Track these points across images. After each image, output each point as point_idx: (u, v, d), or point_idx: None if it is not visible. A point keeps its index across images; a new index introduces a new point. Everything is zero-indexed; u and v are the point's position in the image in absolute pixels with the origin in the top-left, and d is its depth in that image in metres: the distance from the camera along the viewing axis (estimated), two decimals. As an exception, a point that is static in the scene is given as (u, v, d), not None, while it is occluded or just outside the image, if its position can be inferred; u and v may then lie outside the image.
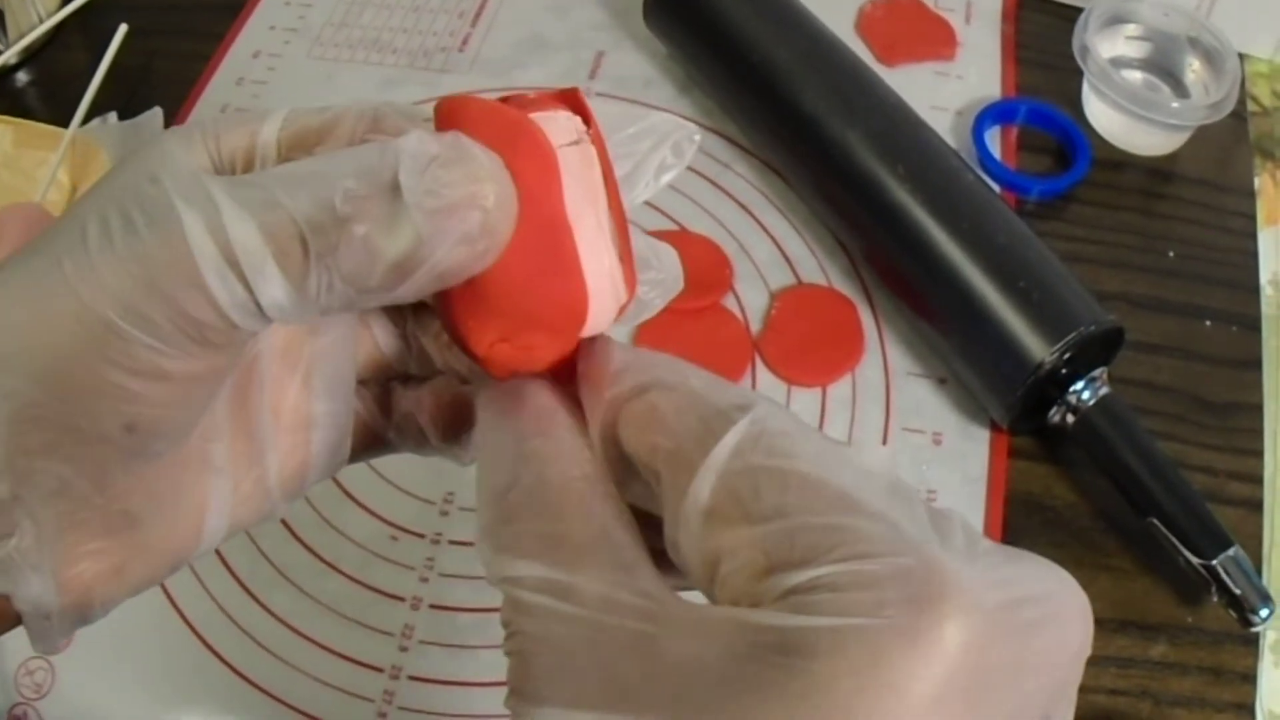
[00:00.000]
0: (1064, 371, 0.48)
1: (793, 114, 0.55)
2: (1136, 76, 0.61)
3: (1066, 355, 0.47)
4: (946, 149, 0.53)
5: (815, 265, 0.56)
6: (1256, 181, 0.59)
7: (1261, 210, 0.58)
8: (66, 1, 0.64)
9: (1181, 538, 0.45)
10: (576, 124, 0.25)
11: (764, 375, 0.52)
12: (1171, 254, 0.57)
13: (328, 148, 0.25)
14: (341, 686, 0.44)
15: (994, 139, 0.60)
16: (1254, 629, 0.44)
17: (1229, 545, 0.44)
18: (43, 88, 0.64)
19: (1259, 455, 0.50)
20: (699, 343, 0.52)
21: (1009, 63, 0.63)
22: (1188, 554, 0.45)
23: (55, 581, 0.24)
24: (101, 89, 0.58)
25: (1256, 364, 0.53)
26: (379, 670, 0.45)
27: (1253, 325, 0.54)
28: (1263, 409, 0.52)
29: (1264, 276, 0.56)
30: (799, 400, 0.52)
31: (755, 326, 0.54)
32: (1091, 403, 0.48)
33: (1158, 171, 0.59)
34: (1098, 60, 0.57)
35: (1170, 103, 0.58)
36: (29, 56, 0.65)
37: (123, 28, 0.61)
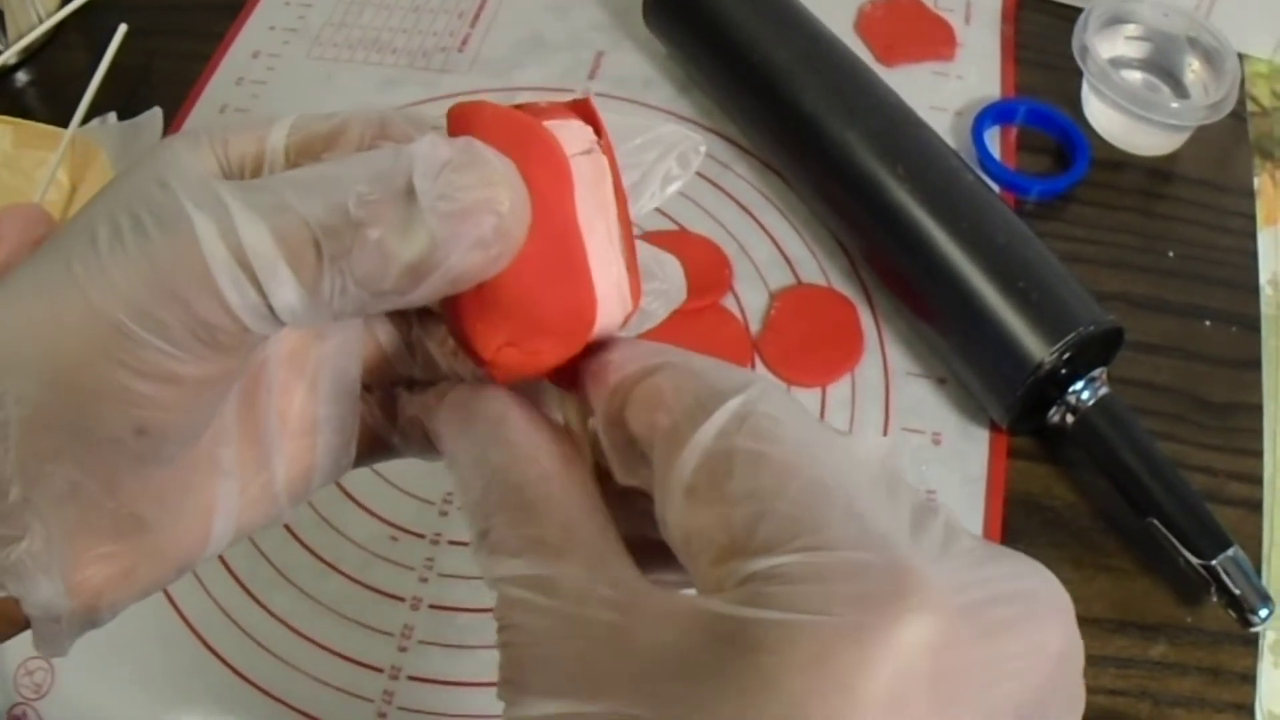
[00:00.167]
0: (1063, 371, 0.48)
1: (792, 114, 0.55)
2: (1136, 77, 0.61)
3: (1066, 355, 0.47)
4: (946, 149, 0.53)
5: (815, 265, 0.56)
6: (1256, 181, 0.59)
7: (1261, 210, 0.58)
8: (66, 1, 0.64)
9: (1181, 538, 0.45)
10: (588, 133, 0.25)
11: (761, 374, 0.52)
12: (1171, 254, 0.57)
13: (336, 153, 0.25)
14: (341, 686, 0.45)
15: (993, 139, 0.60)
16: (1253, 629, 0.44)
17: (1228, 545, 0.44)
18: (42, 88, 0.64)
19: (1258, 455, 0.50)
20: (699, 343, 0.51)
21: (1008, 63, 0.63)
22: (1187, 554, 0.45)
23: (65, 585, 0.24)
24: (101, 89, 0.58)
25: (1256, 364, 0.53)
26: (379, 670, 0.45)
27: (1252, 325, 0.54)
28: (1262, 409, 0.52)
29: (1263, 276, 0.56)
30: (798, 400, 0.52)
31: (755, 327, 0.54)
32: (1091, 403, 0.48)
33: (1157, 172, 0.59)
34: (1097, 60, 0.57)
35: (1170, 103, 0.58)
36: (29, 56, 0.65)
37: (122, 28, 0.61)
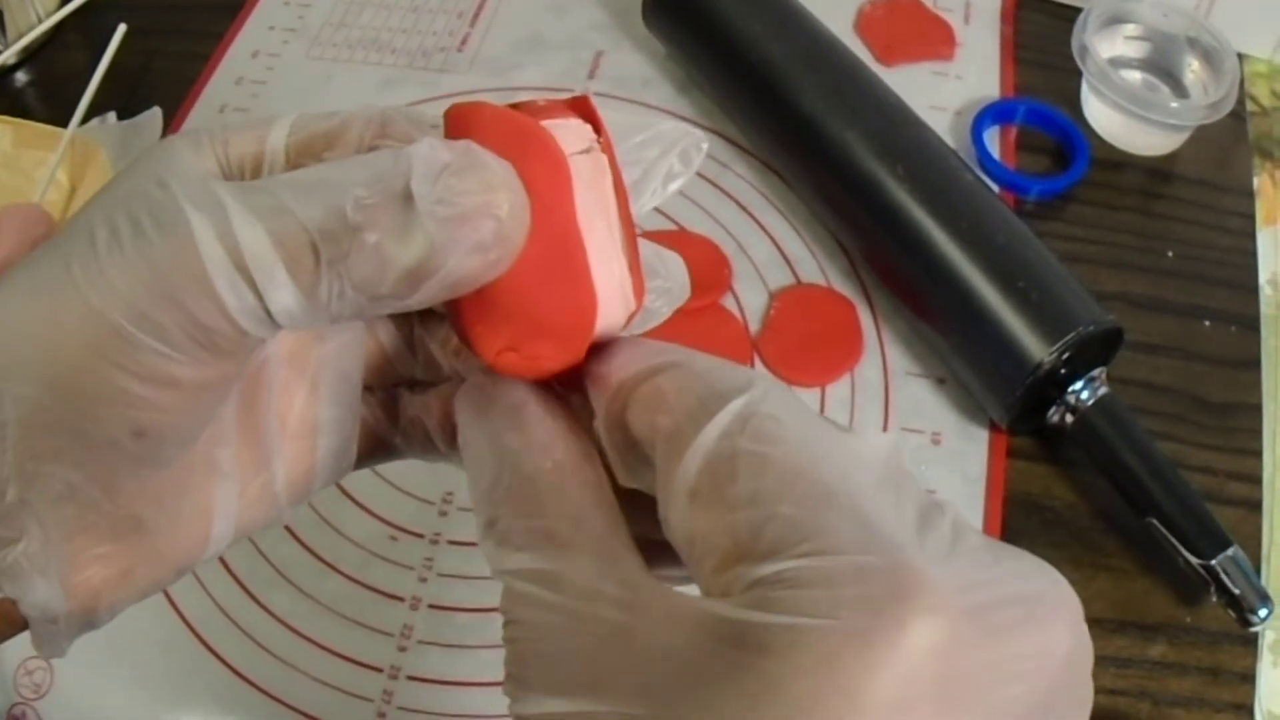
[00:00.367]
0: (1063, 371, 0.48)
1: (792, 114, 0.55)
2: (1135, 76, 0.61)
3: (1065, 355, 0.47)
4: (945, 149, 0.53)
5: (814, 265, 0.56)
6: (1255, 181, 0.59)
7: (1260, 210, 0.58)
8: (65, 1, 0.64)
9: (1180, 538, 0.45)
10: (588, 132, 0.25)
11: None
12: (1170, 254, 0.57)
13: (336, 154, 0.25)
14: (340, 686, 0.44)
15: (993, 139, 0.60)
16: (1253, 629, 0.44)
17: (1228, 545, 0.44)
18: (42, 88, 0.64)
19: (1258, 455, 0.50)
20: (698, 343, 0.51)
21: (1008, 63, 0.63)
22: (1187, 554, 0.45)
23: (62, 586, 0.24)
24: (100, 89, 0.58)
25: (1255, 364, 0.53)
26: (378, 670, 0.45)
27: (1252, 325, 0.54)
28: (1262, 409, 0.52)
29: (1263, 276, 0.56)
30: (798, 400, 0.52)
31: (754, 326, 0.54)
32: (1090, 403, 0.48)
33: (1157, 171, 0.59)
34: (1097, 60, 0.57)
35: (1169, 103, 0.58)
36: (28, 56, 0.64)
37: (122, 27, 0.61)
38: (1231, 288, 0.56)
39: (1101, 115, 0.60)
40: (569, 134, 0.24)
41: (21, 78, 0.64)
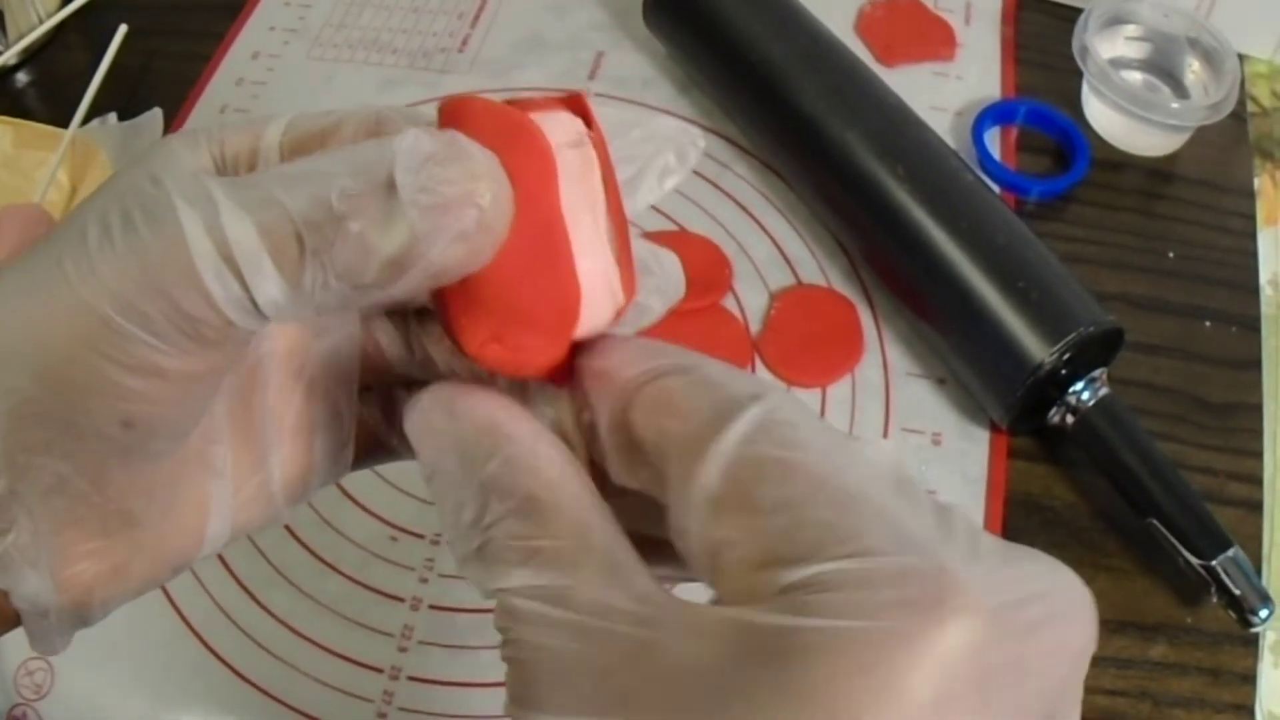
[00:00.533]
0: (1063, 372, 0.48)
1: (792, 114, 0.55)
2: (1136, 77, 0.61)
3: (1066, 356, 0.47)
4: (946, 149, 0.53)
5: (815, 265, 0.56)
6: (1256, 182, 0.59)
7: (1261, 211, 0.58)
8: (66, 2, 0.64)
9: (1181, 538, 0.45)
10: (578, 126, 0.25)
11: (763, 376, 0.52)
12: (1171, 254, 0.57)
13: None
14: (341, 687, 0.44)
15: (993, 139, 0.60)
16: (1253, 629, 0.44)
17: (1228, 546, 0.44)
18: (42, 88, 0.64)
19: (1258, 456, 0.50)
20: (698, 343, 0.51)
21: (1008, 63, 0.63)
22: (1187, 554, 0.45)
23: (53, 579, 0.24)
24: (101, 89, 0.58)
25: (1256, 364, 0.53)
26: (378, 671, 0.45)
27: (1252, 326, 0.54)
28: (1262, 409, 0.52)
29: (1263, 277, 0.56)
30: (798, 401, 0.52)
31: (755, 327, 0.54)
32: (1091, 403, 0.48)
33: (1157, 172, 0.59)
34: (1097, 61, 0.57)
35: (1170, 103, 0.58)
36: (29, 57, 0.64)
37: (122, 28, 0.61)
38: (1232, 288, 0.56)
39: (1102, 116, 0.60)
40: (558, 127, 0.24)
41: (22, 78, 0.64)
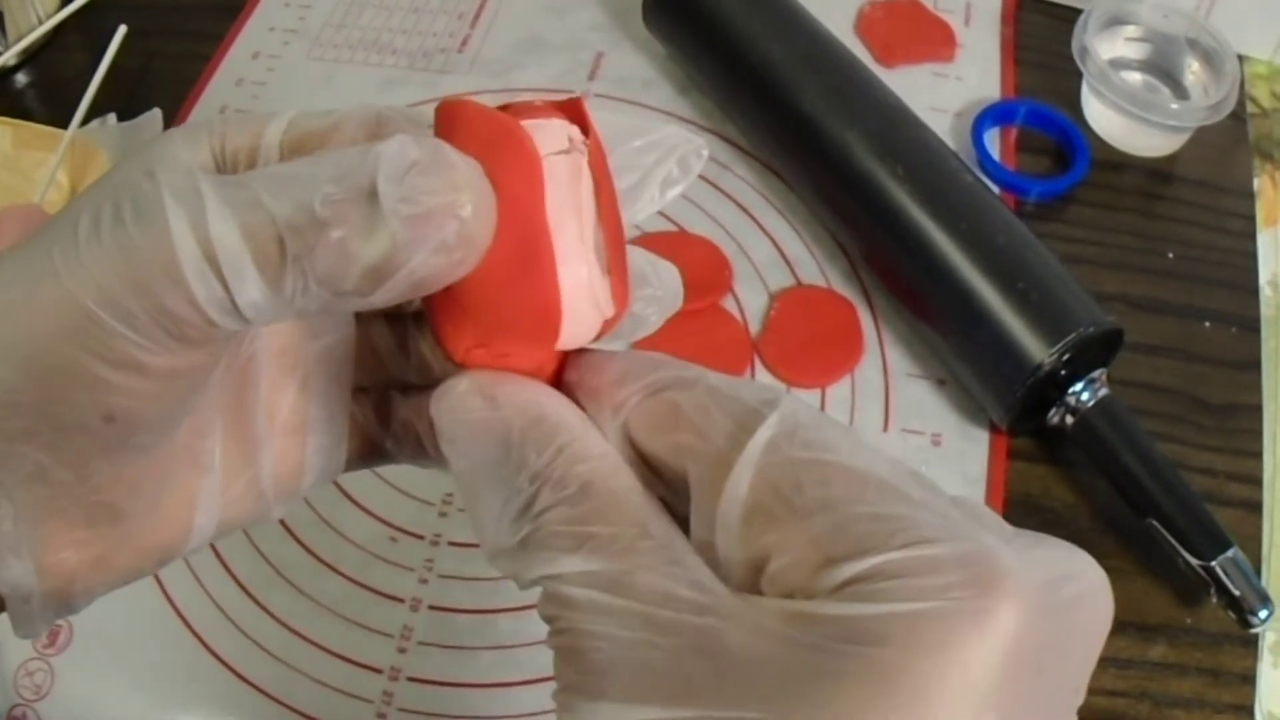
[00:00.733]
0: (1063, 373, 0.48)
1: (792, 115, 0.55)
2: (1136, 78, 0.61)
3: (1065, 356, 0.47)
4: (945, 150, 0.53)
5: (814, 266, 0.56)
6: (1256, 183, 0.59)
7: (1260, 211, 0.58)
8: (66, 2, 0.64)
9: (1181, 539, 0.45)
10: (571, 133, 0.25)
11: (763, 376, 0.52)
12: (1171, 255, 0.57)
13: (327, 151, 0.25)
14: (340, 687, 0.44)
15: (993, 140, 0.60)
16: (1253, 630, 0.44)
17: (1228, 546, 0.44)
18: (42, 89, 0.64)
19: (1258, 457, 0.50)
20: (698, 344, 0.52)
21: (1008, 64, 0.63)
22: (1187, 555, 0.45)
23: (35, 565, 0.24)
24: (101, 90, 0.58)
25: (1256, 365, 0.53)
26: (378, 671, 0.45)
27: (1252, 326, 0.54)
28: (1262, 410, 0.52)
29: (1263, 277, 0.56)
30: (798, 401, 0.52)
31: (754, 328, 0.54)
32: (1091, 404, 0.48)
33: (1157, 173, 0.59)
34: (1097, 62, 0.57)
35: (1169, 104, 0.58)
36: (28, 58, 0.64)
37: (122, 29, 0.61)
38: (1232, 289, 0.56)
39: (1102, 116, 0.60)
40: (548, 134, 0.24)
41: (22, 79, 0.64)
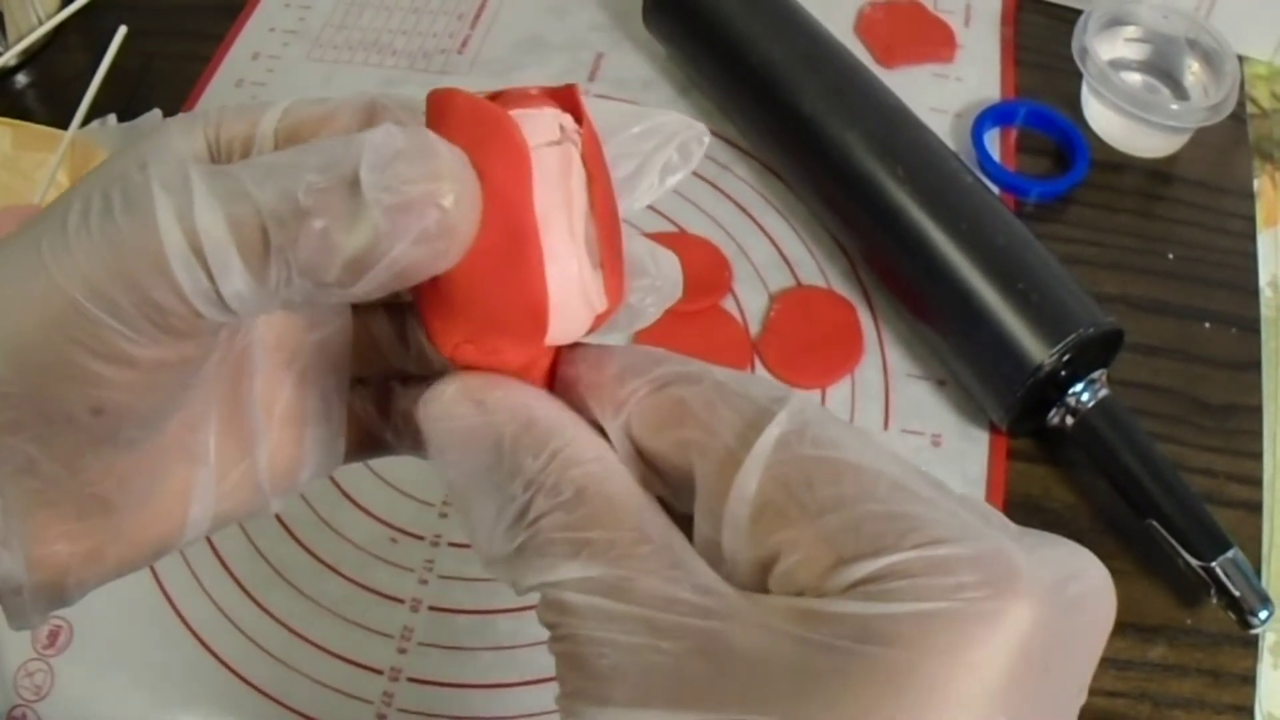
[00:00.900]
0: (1063, 373, 0.48)
1: (792, 116, 0.55)
2: (1136, 79, 0.61)
3: (1066, 357, 0.47)
4: (945, 151, 0.53)
5: (814, 267, 0.56)
6: (1256, 183, 0.59)
7: (1261, 212, 0.58)
8: (66, 3, 0.64)
9: (1181, 539, 0.45)
10: (564, 121, 0.24)
11: (763, 377, 0.52)
12: (1171, 256, 0.57)
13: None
14: (340, 688, 0.44)
15: (993, 141, 0.60)
16: (1253, 631, 0.44)
17: (1228, 547, 0.44)
18: (42, 89, 0.64)
19: (1258, 457, 0.50)
20: (698, 344, 0.52)
21: (1008, 65, 0.63)
22: (1187, 556, 0.45)
23: (24, 557, 0.24)
24: (101, 91, 0.58)
25: (1256, 366, 0.53)
26: (378, 672, 0.45)
27: (1252, 327, 0.54)
28: (1262, 411, 0.52)
29: (1263, 278, 0.56)
30: (798, 402, 0.52)
31: (754, 328, 0.54)
32: (1091, 405, 0.48)
33: (1157, 173, 0.59)
34: (1097, 62, 0.57)
35: (1169, 105, 0.58)
36: (28, 58, 0.64)
37: (122, 29, 0.61)
38: (1232, 290, 0.56)
39: (1102, 117, 0.60)
40: (538, 124, 0.23)
41: (22, 79, 0.64)
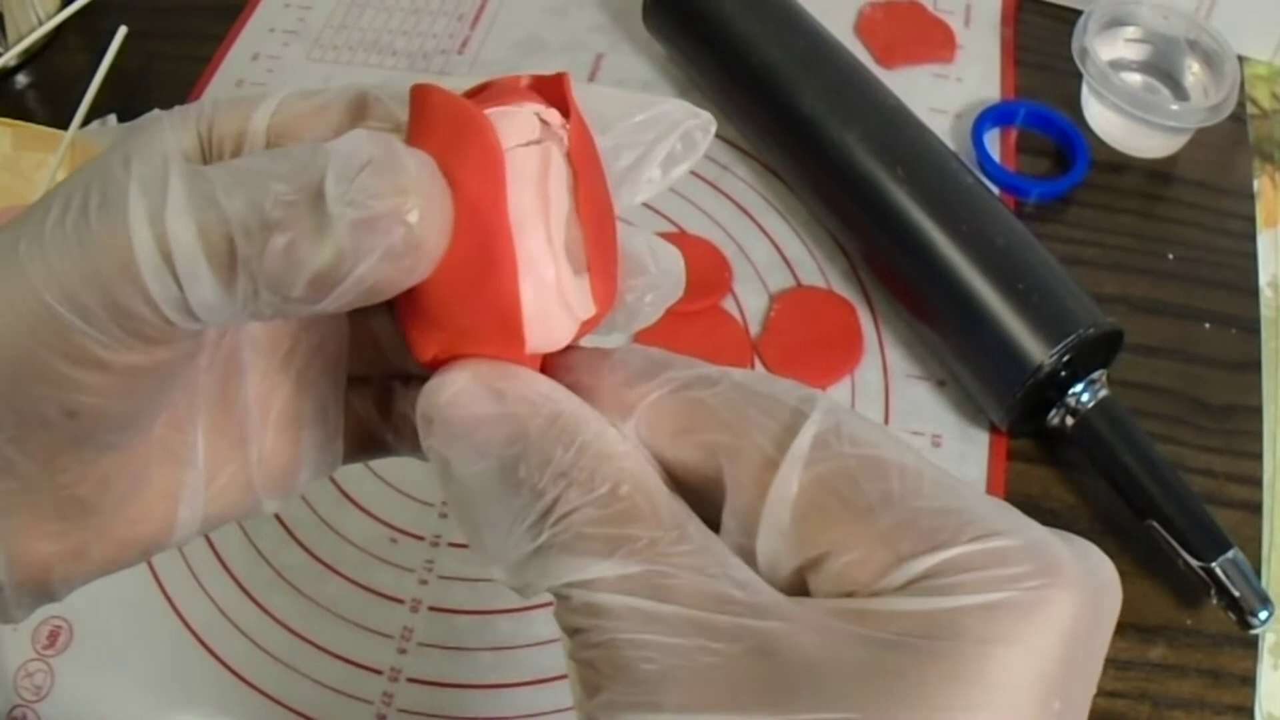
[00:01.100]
0: (1063, 374, 0.48)
1: (792, 116, 0.55)
2: (1136, 79, 0.61)
3: (1065, 358, 0.47)
4: (945, 151, 0.53)
5: (814, 267, 0.56)
6: (1255, 184, 0.59)
7: (1260, 213, 0.58)
8: (66, 3, 0.64)
9: (1181, 540, 0.45)
10: (548, 117, 0.23)
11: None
12: (1171, 256, 0.57)
13: (317, 137, 0.24)
14: (340, 688, 0.44)
15: (993, 141, 0.60)
16: (1253, 631, 0.44)
17: (1228, 548, 0.44)
18: (42, 90, 0.64)
19: (1258, 458, 0.50)
20: (698, 345, 0.52)
21: (1008, 65, 0.63)
22: (1187, 556, 0.45)
23: (6, 555, 0.24)
24: (101, 91, 0.58)
25: (1256, 366, 0.53)
26: (378, 672, 0.45)
27: (1252, 328, 0.54)
28: (1262, 411, 0.52)
29: (1263, 279, 0.56)
30: (798, 402, 0.52)
31: (754, 329, 0.54)
32: (1091, 405, 0.48)
33: (1157, 174, 0.59)
34: (1097, 63, 0.57)
35: (1169, 105, 0.58)
36: (28, 59, 0.64)
37: (122, 30, 0.61)
38: (1231, 290, 0.56)
39: (1102, 118, 0.60)
40: (516, 123, 0.22)
41: (22, 80, 0.64)
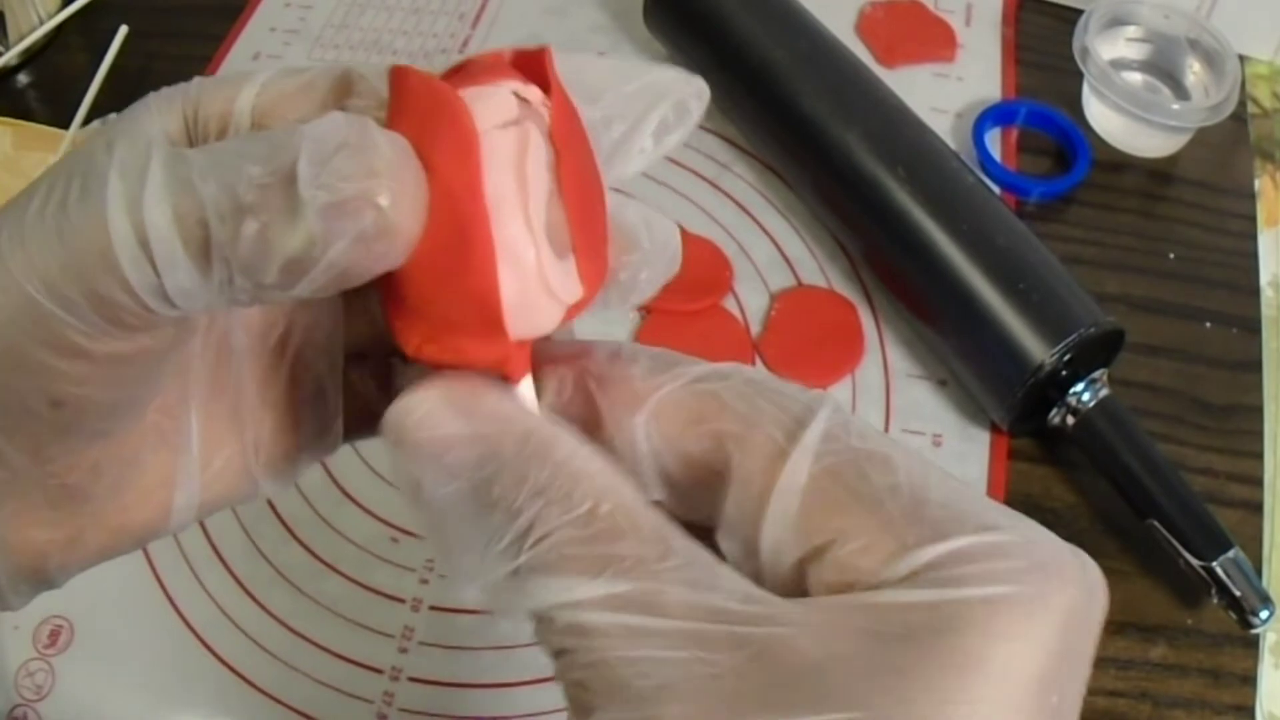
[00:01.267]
0: (1064, 373, 0.48)
1: (792, 115, 0.55)
2: (1136, 78, 0.61)
3: (1066, 357, 0.47)
4: (946, 151, 0.53)
5: (815, 266, 0.56)
6: (1256, 183, 0.59)
7: (1261, 212, 0.58)
8: (67, 3, 0.64)
9: (1181, 539, 0.45)
10: (528, 94, 0.22)
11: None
12: (1171, 256, 0.57)
13: (300, 117, 0.23)
14: (341, 688, 0.44)
15: (994, 141, 0.60)
16: (1254, 631, 0.44)
17: (1229, 547, 0.44)
18: (43, 89, 0.64)
19: (1259, 457, 0.50)
20: (699, 344, 0.52)
21: (1009, 64, 0.63)
22: (1187, 556, 0.45)
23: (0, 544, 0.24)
24: (101, 90, 0.58)
25: (1256, 366, 0.53)
26: (379, 671, 0.45)
27: (1252, 327, 0.54)
28: (1262, 411, 0.52)
29: (1264, 278, 0.56)
30: (799, 402, 0.52)
31: (755, 328, 0.54)
32: (1091, 404, 0.48)
33: (1158, 173, 0.59)
34: (1098, 62, 0.57)
35: (1170, 104, 0.58)
36: (29, 58, 0.64)
37: (123, 29, 0.61)
38: (1232, 289, 0.56)
39: (1102, 117, 0.60)
40: (492, 104, 0.22)
41: (23, 79, 0.64)
